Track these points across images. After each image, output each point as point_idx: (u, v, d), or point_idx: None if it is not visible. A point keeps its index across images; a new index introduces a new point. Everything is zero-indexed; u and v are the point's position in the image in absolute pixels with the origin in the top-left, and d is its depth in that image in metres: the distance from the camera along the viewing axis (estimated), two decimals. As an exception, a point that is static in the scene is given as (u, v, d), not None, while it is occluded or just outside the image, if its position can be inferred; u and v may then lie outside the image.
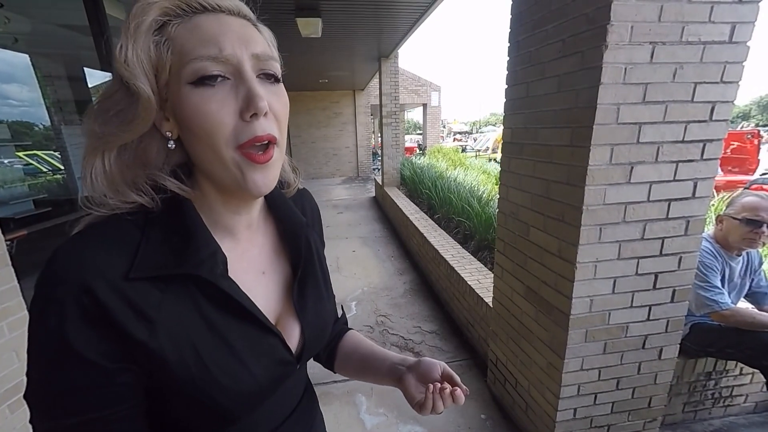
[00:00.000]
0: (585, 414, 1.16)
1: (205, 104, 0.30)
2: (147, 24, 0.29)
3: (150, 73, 0.30)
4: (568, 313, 1.04)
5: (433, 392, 0.42)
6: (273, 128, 0.33)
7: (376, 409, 1.54)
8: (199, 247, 0.32)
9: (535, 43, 1.12)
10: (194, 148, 0.32)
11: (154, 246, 0.31)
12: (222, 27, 0.31)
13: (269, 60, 0.33)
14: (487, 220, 2.83)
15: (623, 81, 0.87)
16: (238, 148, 0.31)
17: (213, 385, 0.31)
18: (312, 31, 3.19)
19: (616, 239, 0.99)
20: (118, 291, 0.28)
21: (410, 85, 11.41)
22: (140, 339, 0.29)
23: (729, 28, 0.88)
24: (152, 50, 0.29)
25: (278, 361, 0.37)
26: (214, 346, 0.32)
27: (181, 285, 0.32)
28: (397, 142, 5.34)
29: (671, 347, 1.13)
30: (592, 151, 0.91)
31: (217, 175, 0.32)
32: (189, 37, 0.30)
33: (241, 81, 0.31)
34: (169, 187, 0.32)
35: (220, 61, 0.30)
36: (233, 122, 0.30)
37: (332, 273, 2.67)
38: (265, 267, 0.40)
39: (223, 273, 0.33)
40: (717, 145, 0.96)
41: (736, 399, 1.45)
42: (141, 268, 0.29)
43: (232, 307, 0.34)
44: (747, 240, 1.24)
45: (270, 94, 0.33)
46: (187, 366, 0.30)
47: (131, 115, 0.30)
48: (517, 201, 1.28)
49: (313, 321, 0.41)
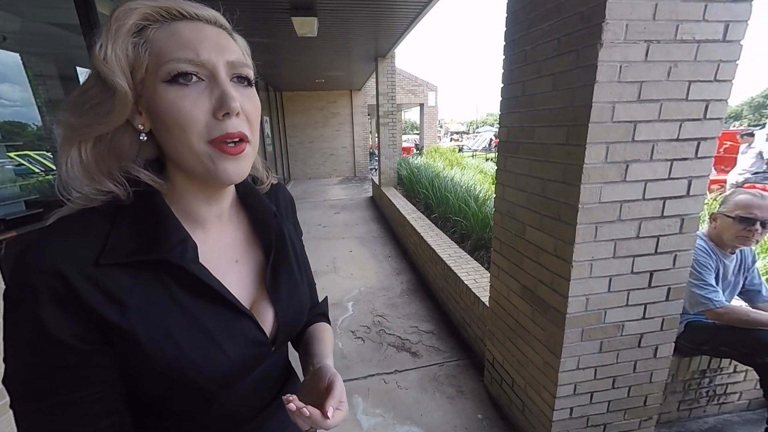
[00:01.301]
0: (581, 413, 1.16)
1: (179, 101, 0.32)
2: (128, 26, 0.31)
3: (126, 71, 0.32)
4: (564, 312, 1.04)
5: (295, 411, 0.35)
6: (244, 127, 0.35)
7: (372, 410, 1.54)
8: (169, 234, 0.34)
9: (530, 42, 1.12)
10: (167, 142, 0.34)
11: (124, 235, 0.32)
12: (199, 34, 0.33)
13: (243, 66, 0.36)
14: (484, 220, 2.83)
15: (618, 79, 0.87)
16: (210, 142, 0.33)
17: (187, 364, 0.33)
18: (308, 30, 3.17)
19: (612, 238, 0.99)
20: (89, 276, 0.30)
21: (407, 85, 11.42)
22: (113, 321, 0.30)
23: (723, 27, 0.88)
24: (130, 50, 0.31)
25: (252, 342, 0.38)
26: (187, 327, 0.34)
27: (153, 271, 0.33)
28: (394, 142, 5.33)
29: (666, 345, 1.13)
30: (588, 150, 0.91)
31: (189, 165, 0.34)
32: (167, 41, 0.32)
33: (215, 83, 0.33)
34: (142, 178, 0.34)
35: (196, 64, 0.32)
36: (205, 119, 0.32)
37: (329, 273, 2.67)
38: (239, 256, 0.42)
39: (193, 258, 0.35)
40: (711, 143, 0.96)
41: (730, 397, 1.46)
42: (111, 255, 0.31)
43: (203, 291, 0.35)
44: (740, 238, 1.25)
45: (242, 96, 0.35)
46: (160, 346, 0.32)
47: (107, 109, 0.32)
48: (513, 200, 1.28)
49: (287, 305, 0.43)
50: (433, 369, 1.79)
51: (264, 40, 3.84)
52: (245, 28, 0.41)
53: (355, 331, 2.15)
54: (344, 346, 2.00)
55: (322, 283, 2.86)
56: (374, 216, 4.94)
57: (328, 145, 8.95)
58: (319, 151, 8.95)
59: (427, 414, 1.51)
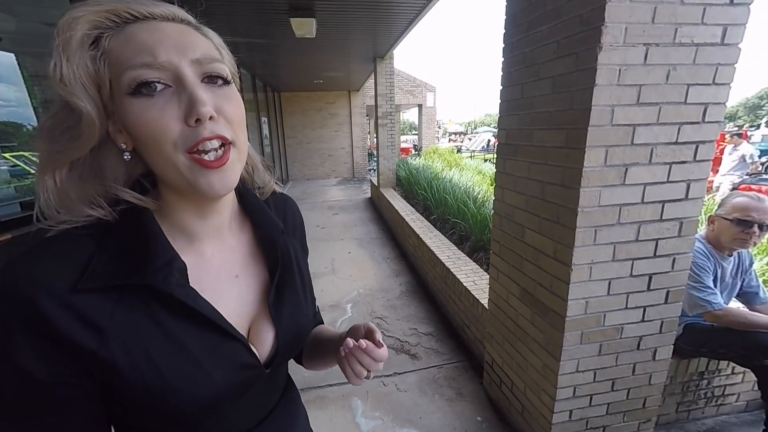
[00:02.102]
0: (581, 415, 1.16)
1: (145, 113, 0.30)
2: (78, 39, 0.28)
3: (92, 89, 0.30)
4: (563, 314, 1.04)
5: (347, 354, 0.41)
6: (223, 129, 0.32)
7: (371, 412, 1.53)
8: (153, 256, 0.32)
9: (529, 45, 1.12)
10: (147, 157, 0.32)
11: (107, 257, 0.31)
12: (156, 35, 0.30)
13: (213, 62, 0.32)
14: (483, 221, 2.83)
15: (617, 82, 0.87)
16: (187, 152, 0.31)
17: (169, 390, 0.32)
18: (306, 31, 3.17)
19: (611, 241, 0.99)
20: (65, 303, 0.28)
21: (405, 86, 11.43)
22: (89, 348, 0.29)
23: (721, 30, 0.88)
24: (90, 65, 0.29)
25: (241, 366, 0.37)
26: (169, 352, 0.32)
27: (136, 295, 0.32)
28: (393, 143, 5.33)
29: (665, 348, 1.13)
30: (587, 153, 0.91)
31: (173, 180, 0.32)
32: (123, 48, 0.29)
33: (182, 87, 0.30)
34: (123, 197, 0.32)
35: (155, 68, 0.29)
36: (178, 128, 0.30)
37: (327, 275, 2.66)
38: (239, 271, 0.40)
39: (179, 281, 0.33)
40: (709, 146, 0.97)
41: (728, 398, 1.46)
42: (90, 280, 0.30)
43: (189, 315, 0.34)
44: (738, 240, 1.25)
45: (218, 97, 0.32)
46: (141, 372, 0.31)
47: (76, 133, 0.30)
48: (512, 202, 1.28)
49: (288, 327, 0.41)
50: (432, 371, 1.78)
51: (262, 41, 3.83)
52: (244, 28, 0.39)
53: (354, 333, 2.14)
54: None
55: (321, 284, 2.85)
56: (373, 217, 4.93)
57: (326, 145, 8.93)
58: (317, 152, 8.93)
59: (426, 416, 1.50)
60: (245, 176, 0.44)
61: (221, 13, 3.04)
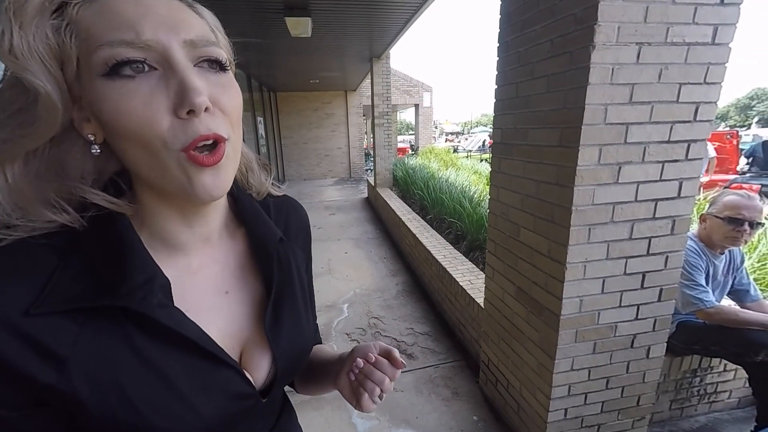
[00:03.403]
0: (576, 414, 1.17)
1: (126, 101, 0.24)
2: (36, 4, 0.23)
3: (52, 65, 0.24)
4: (558, 313, 1.04)
5: (357, 375, 0.38)
6: (220, 125, 0.27)
7: (368, 413, 1.52)
8: (131, 272, 0.27)
9: (523, 44, 1.12)
10: (125, 153, 0.27)
11: (72, 273, 0.26)
12: (140, 8, 0.25)
13: (209, 45, 0.27)
14: (479, 221, 2.84)
15: (610, 81, 0.88)
16: (183, 150, 0.26)
17: (145, 428, 0.27)
18: (301, 31, 3.15)
19: (605, 239, 0.99)
20: (15, 329, 0.24)
21: (402, 86, 11.43)
22: (46, 382, 0.25)
23: (712, 30, 0.89)
24: (51, 36, 0.24)
25: (234, 396, 0.32)
26: (147, 383, 0.28)
27: (108, 316, 0.27)
28: (390, 143, 5.33)
29: (659, 346, 1.14)
30: (581, 152, 0.91)
31: (157, 181, 0.27)
32: (96, 20, 0.24)
33: (171, 71, 0.25)
34: (92, 200, 0.27)
35: (138, 47, 0.24)
36: (168, 120, 0.25)
37: (324, 275, 2.65)
38: (230, 286, 0.36)
39: (161, 302, 0.28)
40: (701, 145, 0.98)
41: (720, 395, 1.48)
42: (49, 302, 0.25)
43: (172, 339, 0.29)
44: (730, 238, 1.27)
45: (214, 85, 0.27)
46: (110, 407, 0.26)
47: (30, 118, 0.24)
48: (508, 202, 1.28)
49: (287, 349, 0.36)
50: (428, 371, 1.78)
51: (258, 41, 3.81)
52: (239, 27, 0.36)
53: (351, 334, 2.13)
54: (339, 348, 1.98)
55: (317, 285, 2.83)
56: (370, 217, 4.92)
57: (323, 146, 8.91)
58: (314, 152, 8.90)
59: (422, 416, 1.50)
60: (239, 177, 0.38)
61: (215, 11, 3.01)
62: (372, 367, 0.37)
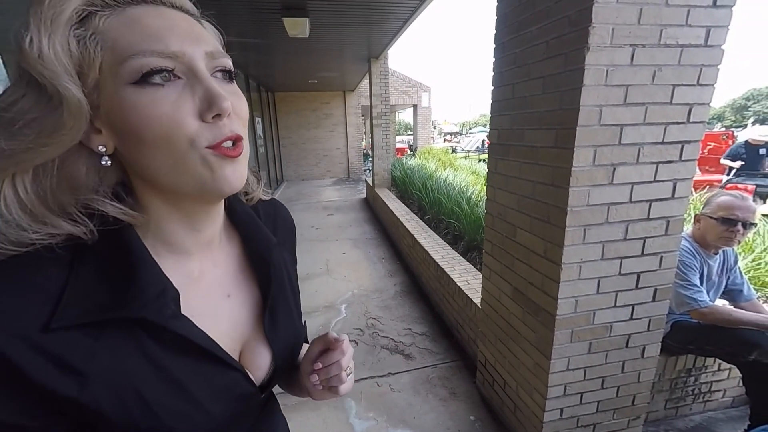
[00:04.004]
0: (571, 414, 1.17)
1: (157, 107, 0.25)
2: (67, 15, 0.24)
3: (73, 74, 0.24)
4: (554, 313, 1.05)
5: (321, 382, 0.39)
6: (239, 127, 0.30)
7: (365, 413, 1.52)
8: (144, 285, 0.28)
9: (520, 45, 1.12)
10: (142, 159, 0.27)
11: (84, 287, 0.26)
12: (166, 21, 0.27)
13: (223, 57, 0.30)
14: (476, 221, 2.85)
15: (605, 83, 0.88)
16: (209, 147, 0.28)
17: (162, 431, 0.29)
18: (299, 31, 3.15)
19: (600, 240, 1.00)
20: (36, 346, 0.24)
21: (400, 86, 11.44)
22: (68, 395, 0.25)
23: (704, 32, 0.90)
24: (73, 46, 0.24)
25: (238, 397, 0.34)
26: (164, 391, 0.29)
27: (121, 328, 0.28)
28: (388, 143, 5.33)
29: (653, 345, 1.15)
30: (576, 153, 0.92)
31: (176, 182, 0.28)
32: (125, 31, 0.25)
33: (196, 80, 0.27)
34: (111, 212, 0.27)
35: (167, 56, 0.26)
36: (195, 124, 0.27)
37: (322, 276, 2.64)
38: (231, 290, 0.37)
39: (174, 313, 0.30)
40: (695, 146, 0.98)
41: (714, 394, 1.49)
42: (66, 316, 0.25)
43: (185, 347, 0.30)
44: (723, 239, 1.28)
45: (229, 93, 0.30)
46: (131, 417, 0.27)
47: (52, 126, 0.24)
48: (504, 202, 1.28)
49: (284, 348, 0.39)
50: (426, 371, 1.78)
51: (255, 41, 3.80)
52: (236, 27, 0.37)
53: (349, 334, 2.12)
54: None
55: (315, 285, 2.83)
56: (368, 217, 4.92)
57: (321, 146, 8.90)
58: (312, 152, 8.89)
59: (420, 417, 1.50)
60: None
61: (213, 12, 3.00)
62: (327, 369, 0.39)
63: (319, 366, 0.39)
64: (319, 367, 0.39)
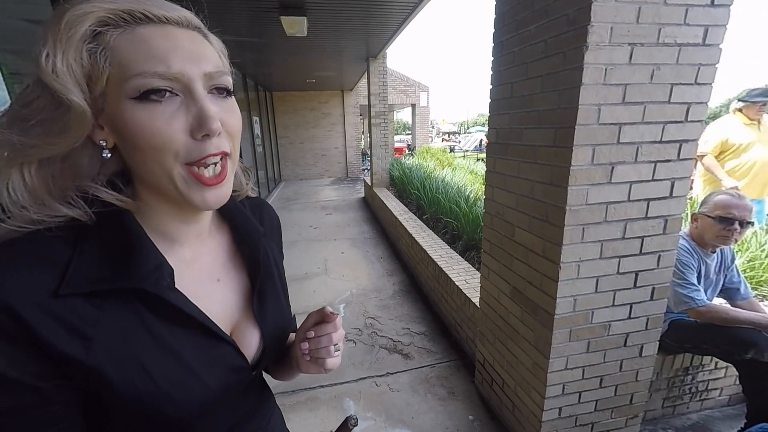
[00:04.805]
0: (570, 413, 1.17)
1: (152, 121, 0.28)
2: (81, 33, 0.27)
3: (83, 82, 0.28)
4: (552, 312, 1.04)
5: (309, 353, 0.41)
6: (225, 144, 0.32)
7: (364, 413, 1.52)
8: (143, 259, 0.31)
9: (518, 44, 1.12)
10: (137, 161, 0.31)
11: (88, 261, 0.29)
12: (170, 42, 0.29)
13: (222, 76, 0.32)
14: (475, 220, 2.85)
15: (603, 82, 0.88)
16: (186, 164, 0.30)
17: (163, 398, 0.31)
18: (297, 30, 3.13)
19: (598, 239, 1.00)
20: (47, 309, 0.27)
21: (399, 86, 11.43)
22: (75, 357, 0.28)
23: (702, 31, 0.90)
24: (85, 59, 0.27)
25: (232, 369, 0.37)
26: (163, 359, 0.31)
27: (122, 300, 0.30)
28: (386, 143, 5.32)
29: (651, 344, 1.15)
30: (575, 152, 0.92)
31: (164, 188, 0.31)
32: (132, 50, 0.28)
33: (191, 98, 0.30)
34: (106, 198, 0.30)
35: (168, 78, 0.29)
36: (183, 139, 0.30)
37: (321, 275, 2.63)
38: (220, 275, 0.40)
39: (170, 285, 0.32)
40: (692, 145, 0.98)
41: (711, 393, 1.50)
42: (73, 284, 0.28)
43: (180, 319, 0.33)
44: (721, 237, 1.28)
45: (223, 110, 0.32)
46: (132, 382, 0.30)
47: (59, 128, 0.28)
48: (503, 201, 1.28)
49: (272, 328, 0.42)
50: (424, 371, 1.78)
51: (253, 40, 3.78)
52: (233, 26, 0.38)
53: (347, 334, 2.13)
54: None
55: (314, 285, 2.82)
56: (366, 217, 4.91)
57: (319, 145, 8.88)
58: (310, 152, 8.87)
59: (418, 416, 1.50)
60: None
61: (210, 10, 2.97)
62: (318, 339, 0.40)
63: (312, 335, 0.40)
64: (312, 335, 0.40)
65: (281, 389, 1.62)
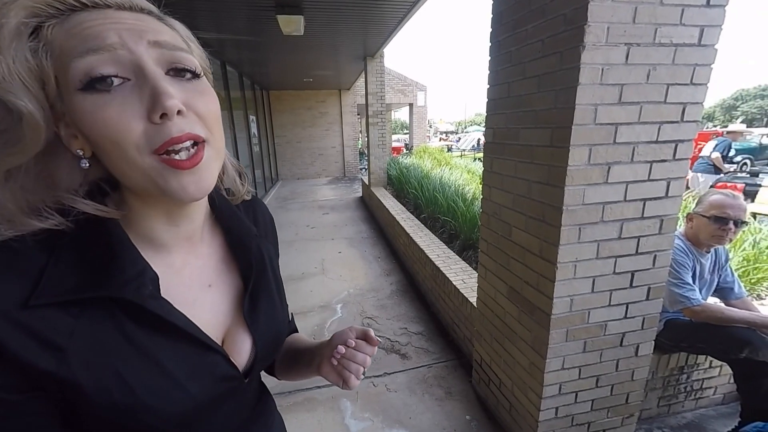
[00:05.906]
0: (566, 413, 1.18)
1: (102, 111, 0.26)
2: (12, 28, 0.24)
3: (34, 86, 0.25)
4: (549, 312, 1.04)
5: (340, 360, 0.42)
6: (195, 127, 0.29)
7: (361, 413, 1.51)
8: (123, 266, 0.29)
9: (515, 43, 1.12)
10: (108, 162, 0.28)
11: (64, 268, 0.28)
12: (107, 20, 0.26)
13: (178, 51, 0.29)
14: (472, 220, 2.85)
15: (600, 82, 0.88)
16: (155, 153, 0.27)
17: (142, 408, 0.30)
18: (294, 29, 3.11)
19: (595, 239, 1.00)
20: (15, 321, 0.25)
21: (396, 85, 11.41)
22: (46, 369, 0.26)
23: (698, 31, 0.90)
24: (30, 59, 0.25)
25: (220, 378, 0.35)
26: (142, 368, 0.30)
27: (101, 308, 0.29)
28: (384, 142, 5.31)
29: (647, 344, 1.16)
30: (571, 152, 0.92)
31: (140, 186, 0.29)
32: (68, 37, 0.26)
33: (143, 79, 0.27)
34: (83, 209, 0.28)
35: (105, 50, 0.25)
36: (141, 126, 0.27)
37: (318, 275, 2.62)
38: (212, 280, 0.39)
39: (152, 293, 0.31)
40: (688, 145, 0.99)
41: (706, 392, 1.51)
42: (45, 294, 0.26)
43: (163, 328, 0.31)
44: (716, 237, 1.29)
45: (187, 91, 0.29)
46: (108, 391, 0.28)
47: (16, 137, 0.25)
48: (500, 201, 1.28)
49: (265, 333, 0.40)
50: (422, 371, 1.78)
51: (249, 39, 3.75)
52: (229, 25, 0.35)
53: (344, 334, 2.12)
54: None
55: (311, 285, 2.81)
56: (364, 216, 4.90)
57: (316, 145, 8.84)
58: (307, 151, 8.83)
59: (415, 417, 1.49)
60: None
61: (207, 9, 2.95)
62: (353, 351, 0.41)
63: (353, 344, 0.41)
64: (353, 345, 0.41)
65: (278, 390, 1.61)
